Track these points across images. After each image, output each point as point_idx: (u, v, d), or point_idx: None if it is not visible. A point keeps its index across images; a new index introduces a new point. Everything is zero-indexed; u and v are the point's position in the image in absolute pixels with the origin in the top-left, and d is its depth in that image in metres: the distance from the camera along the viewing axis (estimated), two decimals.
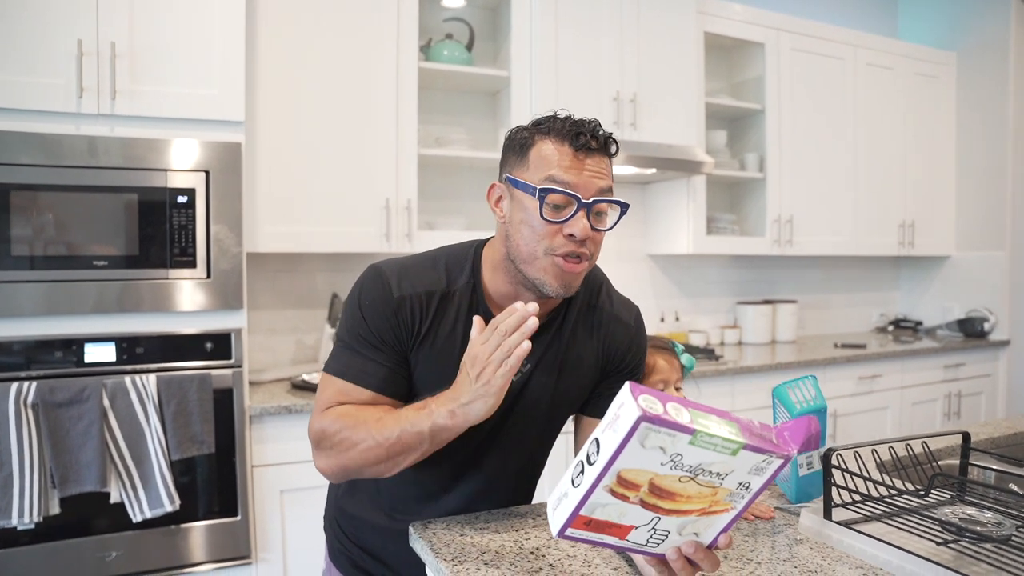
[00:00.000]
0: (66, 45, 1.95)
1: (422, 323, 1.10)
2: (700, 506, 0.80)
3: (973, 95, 3.98)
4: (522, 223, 1.05)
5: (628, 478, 0.75)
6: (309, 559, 2.25)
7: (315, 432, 1.08)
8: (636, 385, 0.74)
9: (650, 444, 0.72)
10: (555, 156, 1.03)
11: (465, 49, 2.85)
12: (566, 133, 1.04)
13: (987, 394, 3.87)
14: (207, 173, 2.09)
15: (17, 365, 1.92)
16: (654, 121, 3.02)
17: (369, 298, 1.09)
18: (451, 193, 3.01)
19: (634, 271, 3.52)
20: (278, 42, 2.40)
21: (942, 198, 4.07)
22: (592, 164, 1.04)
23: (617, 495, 0.77)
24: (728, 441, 0.74)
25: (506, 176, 1.09)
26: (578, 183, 1.02)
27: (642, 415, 0.70)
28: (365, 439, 1.02)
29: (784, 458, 0.78)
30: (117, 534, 2.01)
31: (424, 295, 1.10)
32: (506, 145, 1.12)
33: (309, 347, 2.82)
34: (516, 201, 1.06)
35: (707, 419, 0.75)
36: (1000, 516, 1.05)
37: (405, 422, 1.00)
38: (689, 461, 0.75)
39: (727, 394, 2.97)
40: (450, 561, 1.00)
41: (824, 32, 3.59)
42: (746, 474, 0.78)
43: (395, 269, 1.12)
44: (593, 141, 1.04)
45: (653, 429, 0.71)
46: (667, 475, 0.76)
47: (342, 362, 1.10)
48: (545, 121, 1.07)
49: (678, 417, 0.72)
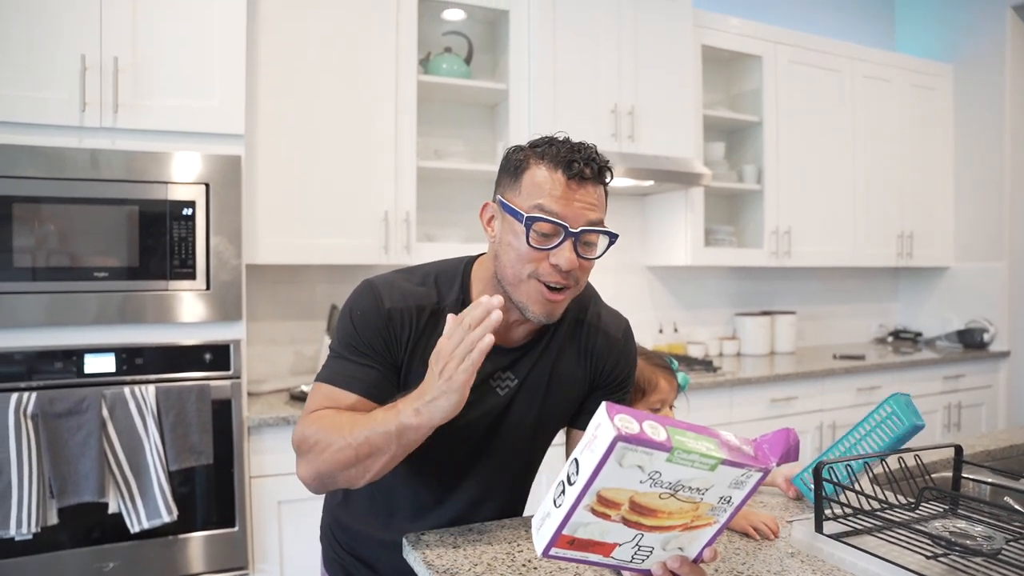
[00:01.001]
0: (69, 60, 1.98)
1: (411, 336, 1.11)
2: (682, 521, 0.81)
3: (970, 106, 4.00)
4: (509, 246, 1.06)
5: (608, 497, 0.76)
6: (306, 570, 2.25)
7: (296, 438, 1.08)
8: (613, 405, 0.75)
9: (628, 463, 0.73)
10: (547, 184, 1.03)
11: (464, 62, 2.87)
12: (560, 160, 1.03)
13: (987, 405, 3.87)
14: (207, 186, 2.11)
15: (17, 375, 1.94)
16: (652, 133, 3.04)
17: (360, 310, 1.10)
18: (450, 205, 3.03)
19: (632, 283, 3.53)
20: (278, 56, 2.42)
21: (940, 209, 4.08)
22: (584, 194, 1.03)
23: (598, 514, 0.77)
24: (706, 457, 0.75)
25: (498, 198, 1.10)
26: (567, 213, 1.02)
27: (618, 435, 0.71)
28: (336, 441, 1.01)
29: (763, 471, 0.79)
30: (115, 544, 2.01)
31: (415, 309, 1.11)
32: (502, 165, 1.12)
33: (308, 358, 2.83)
34: (506, 223, 1.07)
35: (684, 436, 0.76)
36: (991, 530, 1.06)
37: (374, 422, 0.99)
38: (668, 478, 0.76)
39: (725, 405, 2.97)
40: (443, 573, 1.00)
41: (821, 45, 3.61)
42: (726, 488, 0.79)
43: (386, 283, 1.13)
44: (587, 170, 1.03)
45: (630, 448, 0.72)
46: (647, 492, 0.77)
47: (331, 369, 1.11)
48: (542, 144, 1.07)
49: (655, 435, 0.73)
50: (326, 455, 1.02)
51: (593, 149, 1.06)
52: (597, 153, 1.06)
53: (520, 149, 1.10)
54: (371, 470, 1.02)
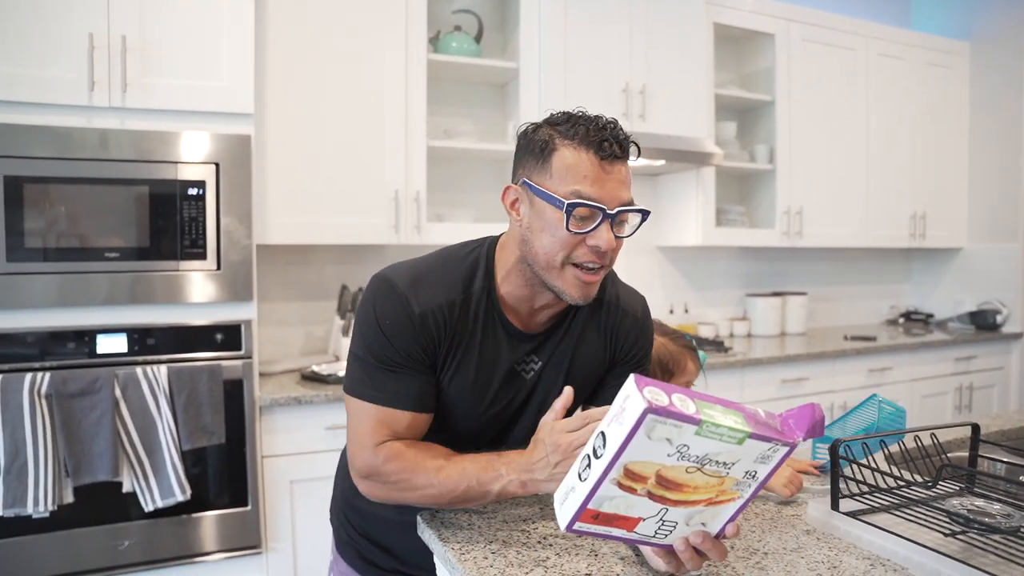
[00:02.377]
0: (77, 39, 1.96)
1: (445, 335, 1.08)
2: (707, 496, 0.81)
3: (986, 85, 3.94)
4: (543, 231, 1.03)
5: (635, 470, 0.76)
6: (318, 549, 2.27)
7: (365, 467, 1.07)
8: (641, 377, 0.74)
9: (656, 436, 0.72)
10: (581, 166, 1.00)
11: (474, 41, 2.84)
12: (590, 140, 1.00)
13: (999, 387, 3.84)
14: (217, 165, 2.11)
15: (31, 356, 1.95)
16: (663, 113, 3.01)
17: (389, 317, 1.06)
18: (460, 185, 3.01)
19: (643, 263, 3.51)
20: (287, 34, 2.41)
21: (954, 189, 4.03)
22: (615, 173, 1.02)
23: (624, 487, 0.77)
24: (734, 431, 0.74)
25: (524, 181, 1.06)
26: (603, 195, 1.00)
27: (648, 407, 0.70)
28: (427, 486, 1.03)
29: (790, 445, 0.78)
30: (130, 523, 2.03)
31: (445, 306, 1.08)
32: (522, 145, 1.08)
33: (319, 338, 2.83)
34: (536, 208, 1.04)
35: (712, 409, 0.75)
36: (1009, 508, 1.05)
37: (471, 479, 1.02)
38: (696, 451, 0.75)
39: (736, 386, 2.96)
40: (457, 550, 1.01)
41: (835, 22, 3.55)
42: (752, 463, 0.79)
43: (408, 280, 1.08)
44: (617, 148, 1.01)
45: (659, 420, 0.71)
46: (674, 466, 0.76)
47: (373, 386, 1.07)
48: (564, 122, 1.04)
49: (684, 408, 0.72)
50: (413, 494, 1.06)
51: (618, 125, 1.04)
52: (621, 128, 1.04)
53: (540, 127, 1.06)
54: (453, 506, 1.09)
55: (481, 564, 0.96)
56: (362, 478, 1.09)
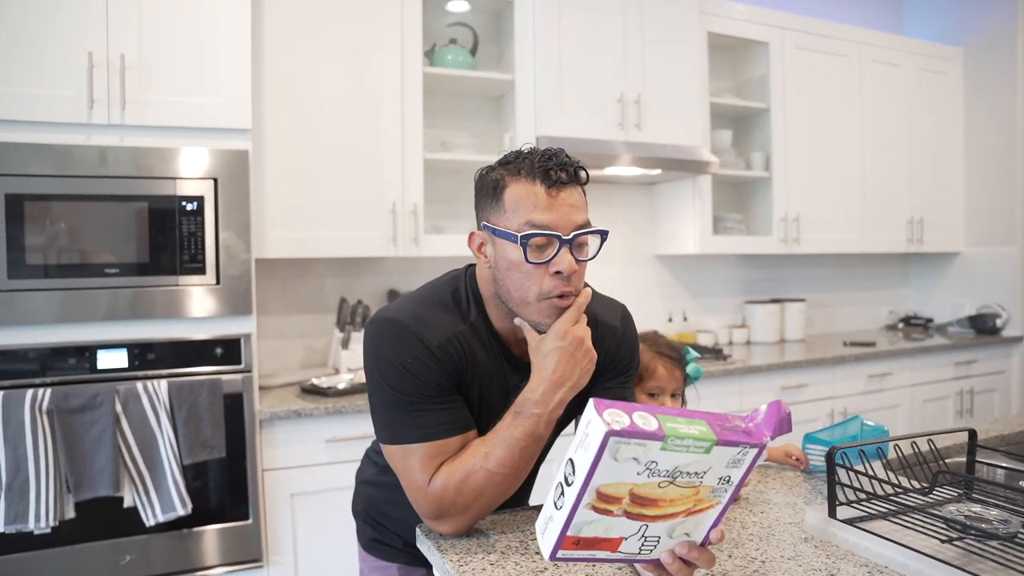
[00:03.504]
0: (77, 57, 1.98)
1: (463, 362, 1.10)
2: (685, 507, 0.81)
3: (981, 90, 3.96)
4: (509, 270, 1.06)
5: (608, 492, 0.76)
6: (320, 561, 2.27)
7: (433, 505, 1.06)
8: (600, 400, 0.75)
9: (623, 456, 0.73)
10: (529, 197, 1.04)
11: (469, 54, 2.86)
12: (536, 171, 1.04)
13: (1000, 391, 3.84)
14: (215, 180, 2.12)
15: (32, 372, 1.95)
16: (659, 122, 3.02)
17: (410, 356, 1.06)
18: (457, 197, 3.02)
19: (641, 272, 3.52)
20: (284, 50, 2.43)
21: (951, 194, 4.05)
22: (565, 197, 1.04)
23: (600, 511, 0.77)
24: (699, 440, 0.75)
25: (484, 224, 1.10)
26: (555, 221, 1.03)
27: (609, 430, 0.70)
28: (488, 481, 1.04)
29: (759, 447, 0.79)
30: (131, 538, 2.03)
31: (455, 337, 1.10)
32: (477, 189, 1.12)
33: (318, 352, 2.84)
34: (499, 247, 1.07)
35: (675, 422, 0.75)
36: (1006, 513, 1.05)
37: (516, 441, 1.04)
38: (665, 466, 0.75)
39: (736, 393, 2.97)
40: (456, 561, 1.01)
41: (828, 30, 3.58)
42: (724, 468, 0.79)
43: (412, 318, 1.09)
44: (563, 175, 1.04)
45: (623, 441, 0.71)
46: (646, 483, 0.76)
47: (416, 426, 1.06)
48: (513, 159, 1.07)
49: (646, 426, 0.73)
50: (484, 499, 1.05)
51: (564, 154, 1.07)
52: (568, 156, 1.07)
53: (492, 169, 1.11)
54: (524, 476, 1.08)
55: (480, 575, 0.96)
56: (437, 520, 1.07)
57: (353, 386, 2.37)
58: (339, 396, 2.33)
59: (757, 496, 1.29)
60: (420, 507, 1.07)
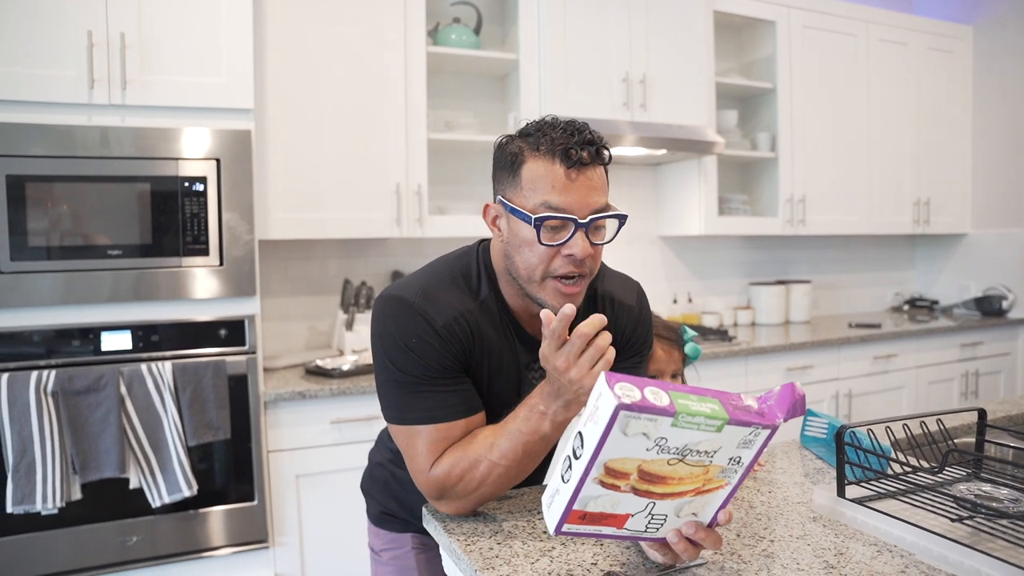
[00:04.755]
0: (76, 37, 1.96)
1: (470, 342, 1.09)
2: (693, 486, 0.80)
3: (990, 70, 3.91)
4: (521, 247, 1.03)
5: (615, 468, 0.75)
6: (325, 542, 2.28)
7: (434, 488, 1.05)
8: (611, 374, 0.73)
9: (632, 431, 0.72)
10: (547, 177, 1.00)
11: (473, 33, 2.83)
12: (556, 149, 0.99)
13: (1005, 373, 3.83)
14: (218, 161, 2.10)
15: (36, 354, 1.95)
16: (664, 102, 2.99)
17: (414, 336, 1.05)
18: (461, 177, 3.01)
19: (646, 253, 3.51)
20: (286, 29, 2.40)
21: (958, 175, 4.01)
22: (585, 180, 1.00)
23: (607, 486, 0.76)
24: (711, 418, 0.74)
25: (499, 198, 1.07)
26: (572, 203, 0.99)
27: (620, 404, 0.69)
28: (493, 469, 1.02)
29: (771, 428, 0.78)
30: (137, 519, 2.04)
31: (462, 316, 1.08)
32: (496, 158, 1.08)
33: (322, 333, 2.84)
34: (513, 224, 1.04)
35: (687, 399, 0.74)
36: (1016, 492, 1.04)
37: (521, 435, 1.01)
38: (675, 443, 0.74)
39: (740, 375, 2.96)
40: (463, 541, 1.01)
41: (836, 8, 3.53)
42: (735, 448, 0.78)
43: (419, 295, 1.07)
44: (584, 154, 0.99)
45: (633, 416, 0.70)
46: (655, 459, 0.75)
47: (421, 407, 1.05)
48: (534, 132, 1.03)
49: (657, 401, 0.72)
50: (485, 488, 1.04)
51: (588, 130, 1.02)
52: (592, 133, 1.02)
53: (512, 140, 1.06)
54: (528, 471, 1.05)
55: (487, 555, 0.96)
56: (437, 500, 1.07)
57: (358, 367, 2.37)
58: (343, 377, 2.33)
59: (764, 475, 1.29)
60: (421, 487, 1.07)
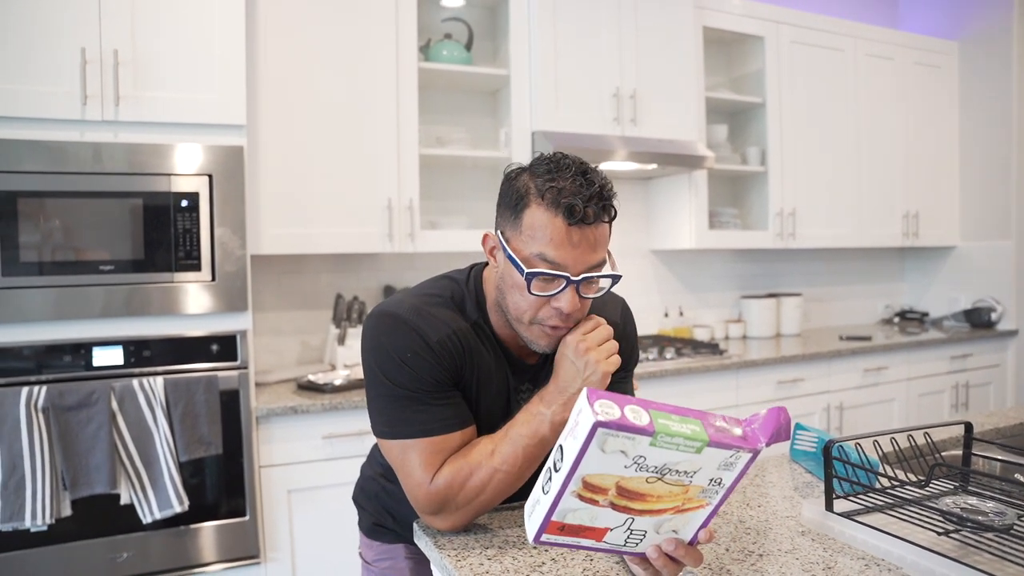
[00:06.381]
0: (70, 53, 1.97)
1: (462, 359, 1.09)
2: (672, 504, 0.80)
3: (976, 84, 3.96)
4: (512, 288, 1.05)
5: (594, 482, 0.75)
6: (317, 557, 2.27)
7: (435, 502, 1.04)
8: (593, 391, 0.74)
9: (610, 448, 0.72)
10: (547, 229, 0.99)
11: (464, 49, 2.85)
12: (561, 204, 0.98)
13: (996, 384, 3.86)
14: (210, 177, 2.11)
15: (27, 369, 1.95)
16: (654, 117, 3.02)
17: (409, 350, 1.05)
18: (453, 192, 3.02)
19: (637, 267, 3.52)
20: (278, 46, 2.41)
21: (946, 188, 4.05)
22: (585, 238, 1.00)
23: (585, 499, 0.77)
24: (691, 440, 0.74)
25: (498, 233, 1.07)
26: (568, 260, 0.99)
27: (597, 421, 0.70)
28: (493, 476, 1.03)
29: (753, 452, 0.78)
30: (128, 535, 2.03)
31: (455, 333, 1.08)
32: (503, 190, 1.07)
33: (314, 348, 2.83)
34: (507, 264, 1.05)
35: (668, 419, 0.74)
36: (1002, 506, 1.05)
37: (521, 439, 1.02)
38: (653, 462, 0.75)
39: (732, 388, 2.97)
40: (454, 556, 1.01)
41: (824, 24, 3.58)
42: (715, 470, 0.78)
43: (411, 312, 1.08)
44: (589, 212, 0.98)
45: (611, 434, 0.71)
46: (633, 477, 0.76)
47: (416, 421, 1.05)
48: (543, 174, 1.01)
49: (636, 420, 0.72)
50: (484, 496, 1.04)
51: (598, 183, 1.00)
52: (602, 185, 1.01)
53: (520, 174, 1.05)
54: (526, 478, 1.06)
55: (477, 570, 0.96)
56: (434, 515, 1.06)
57: (350, 382, 2.37)
58: (336, 392, 2.33)
59: (754, 490, 1.30)
60: (419, 503, 1.06)
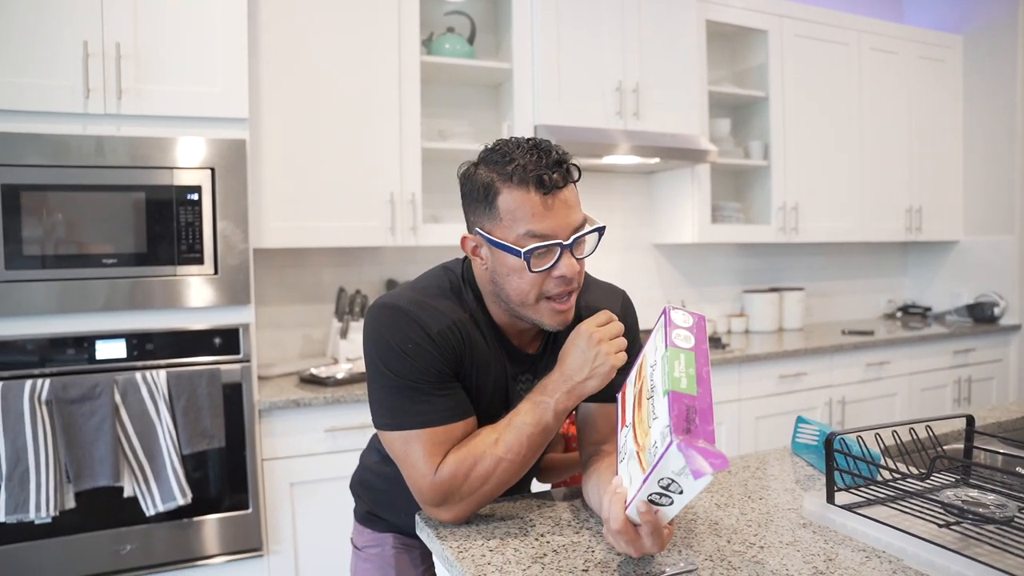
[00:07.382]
0: (72, 47, 1.97)
1: (462, 350, 1.10)
2: (642, 440, 0.88)
3: (980, 78, 3.95)
4: (509, 275, 1.05)
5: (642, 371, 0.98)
6: (319, 550, 2.27)
7: (440, 492, 1.04)
8: (669, 308, 0.97)
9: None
10: (526, 207, 1.01)
11: (467, 42, 2.85)
12: (529, 178, 1.01)
13: (998, 379, 3.85)
14: (213, 170, 2.11)
15: (31, 363, 1.95)
16: (657, 111, 3.01)
17: (411, 341, 1.05)
18: (455, 186, 2.98)
19: (639, 261, 3.52)
20: (280, 39, 2.41)
21: (949, 182, 4.04)
22: (561, 202, 1.02)
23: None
24: (673, 377, 0.86)
25: (478, 231, 1.07)
26: (554, 228, 1.02)
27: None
28: (497, 464, 1.03)
29: (667, 448, 0.81)
30: (131, 527, 2.04)
31: (455, 324, 1.09)
32: (465, 191, 1.09)
33: (317, 341, 2.84)
34: (496, 256, 1.05)
35: (686, 365, 0.88)
36: (1003, 498, 1.05)
37: (525, 427, 1.04)
38: (655, 378, 0.90)
39: (734, 382, 2.97)
40: (455, 548, 1.01)
41: (827, 17, 3.56)
42: (658, 434, 0.84)
43: (412, 304, 1.08)
44: (557, 177, 1.01)
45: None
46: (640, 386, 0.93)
47: (418, 412, 1.05)
48: (499, 161, 1.04)
49: (682, 322, 0.96)
50: (488, 486, 1.05)
51: (554, 149, 1.04)
52: (557, 151, 1.04)
53: (477, 169, 1.07)
54: (529, 464, 1.07)
55: (479, 562, 0.97)
56: (438, 506, 1.06)
57: (352, 376, 2.38)
58: (338, 386, 2.34)
59: (755, 482, 1.30)
60: (423, 494, 1.06)
